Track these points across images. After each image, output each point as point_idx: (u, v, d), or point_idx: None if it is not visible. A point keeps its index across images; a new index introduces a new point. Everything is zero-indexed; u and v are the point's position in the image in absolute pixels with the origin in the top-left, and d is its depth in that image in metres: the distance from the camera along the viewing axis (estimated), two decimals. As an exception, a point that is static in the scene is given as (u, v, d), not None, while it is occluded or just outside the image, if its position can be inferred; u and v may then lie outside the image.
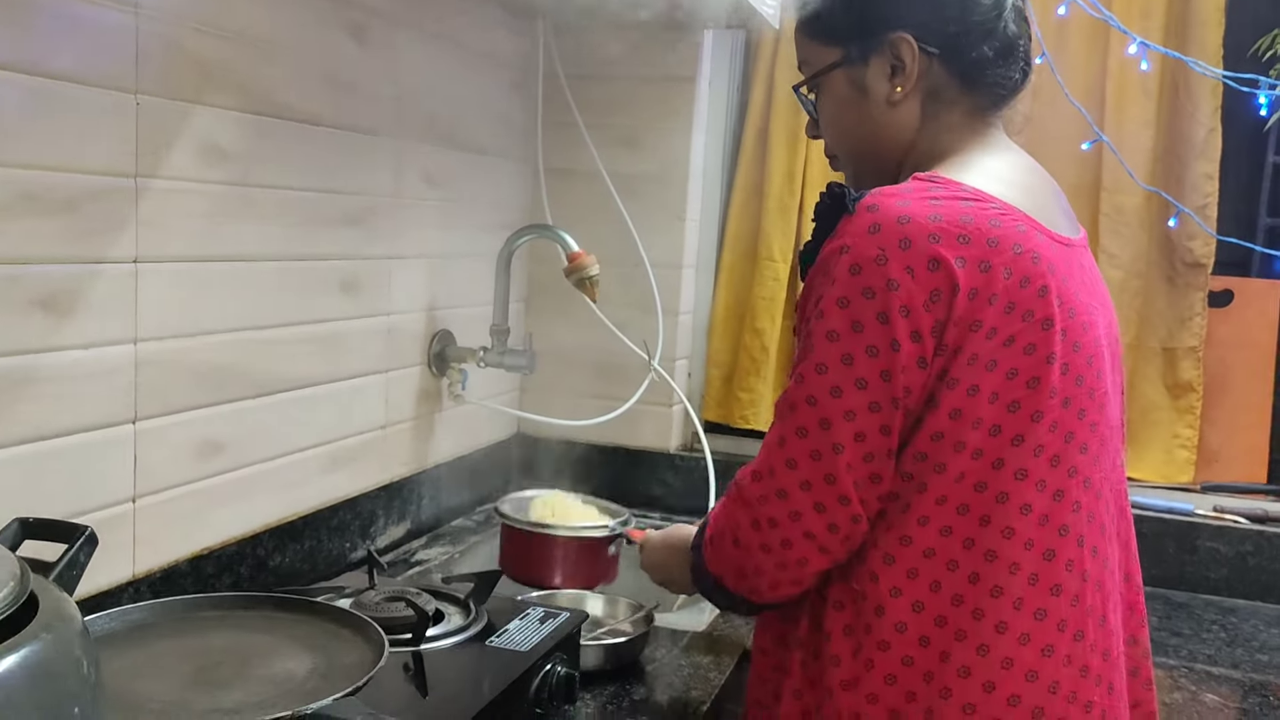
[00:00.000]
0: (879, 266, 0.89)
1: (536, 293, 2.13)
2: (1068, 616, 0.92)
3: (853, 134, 1.08)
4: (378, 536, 1.70)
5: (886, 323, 0.89)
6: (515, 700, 1.12)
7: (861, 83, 1.04)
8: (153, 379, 1.21)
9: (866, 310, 0.89)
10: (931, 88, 1.03)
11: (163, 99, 1.19)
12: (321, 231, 1.49)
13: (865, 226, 0.90)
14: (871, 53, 1.03)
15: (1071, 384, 0.93)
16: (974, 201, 0.93)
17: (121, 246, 1.16)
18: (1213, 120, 1.94)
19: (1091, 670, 0.94)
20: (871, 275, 0.89)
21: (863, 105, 1.05)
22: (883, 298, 0.89)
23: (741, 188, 2.13)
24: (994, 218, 0.92)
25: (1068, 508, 0.93)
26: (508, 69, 1.98)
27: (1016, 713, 0.90)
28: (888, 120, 1.04)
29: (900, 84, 1.02)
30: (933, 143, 1.04)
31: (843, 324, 0.90)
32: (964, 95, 1.03)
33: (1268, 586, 1.84)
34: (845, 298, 0.90)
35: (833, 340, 0.91)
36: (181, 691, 0.90)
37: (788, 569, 0.98)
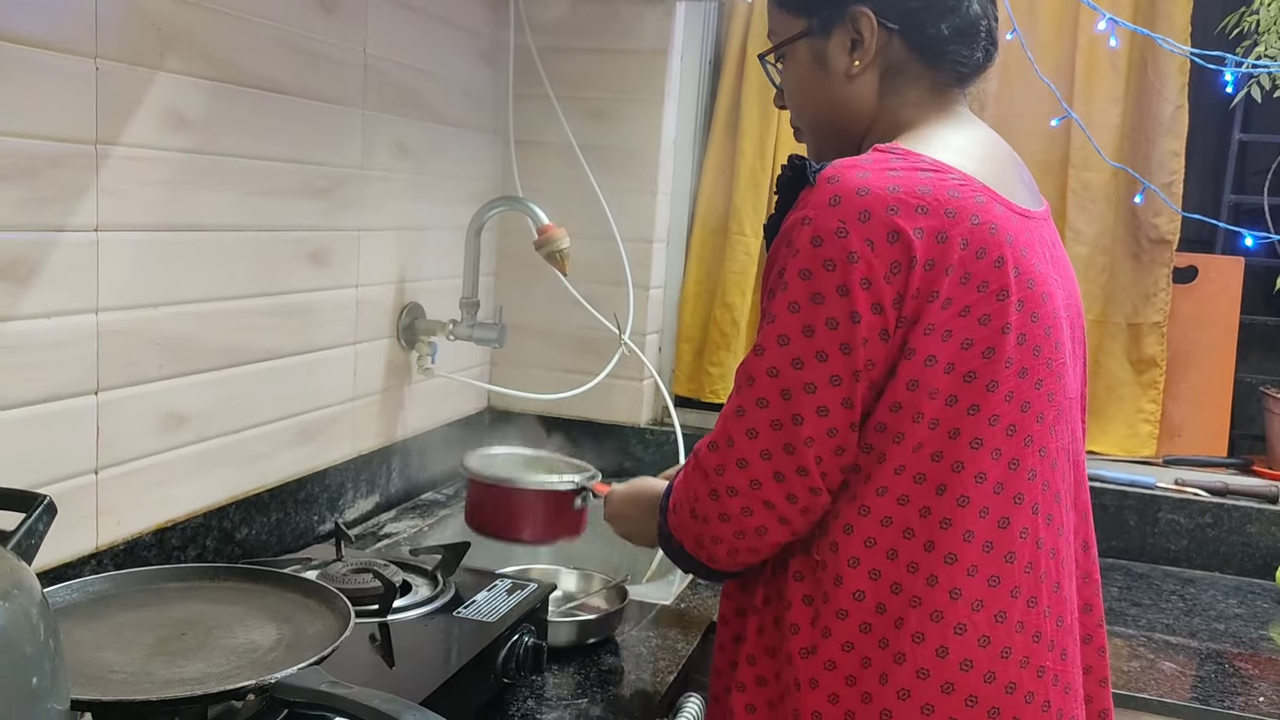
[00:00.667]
0: (839, 239, 0.89)
1: (507, 266, 2.12)
2: (1021, 583, 0.94)
3: (813, 106, 1.08)
4: (346, 509, 1.70)
5: (847, 295, 0.89)
6: (482, 670, 1.12)
7: (822, 55, 1.05)
8: (115, 349, 1.20)
9: (827, 282, 0.90)
10: (891, 63, 1.03)
11: (123, 64, 1.17)
12: (288, 202, 1.47)
13: (826, 198, 0.91)
14: (833, 25, 1.03)
15: (1029, 354, 0.94)
16: (932, 172, 0.93)
17: (82, 214, 1.14)
18: (1180, 97, 1.95)
19: (1045, 636, 0.95)
20: (832, 247, 0.89)
21: (823, 78, 1.05)
22: (843, 270, 0.89)
23: (713, 162, 2.13)
24: (952, 188, 0.92)
25: (1023, 476, 0.94)
26: (478, 40, 1.96)
27: (969, 678, 0.91)
28: (846, 94, 1.05)
29: (859, 58, 1.03)
30: (893, 117, 1.04)
31: (804, 295, 0.91)
32: (925, 71, 1.03)
33: (1226, 557, 1.87)
34: (807, 269, 0.91)
35: (794, 312, 0.91)
36: (144, 662, 0.89)
37: (746, 537, 0.98)
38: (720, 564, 1.03)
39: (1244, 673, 1.48)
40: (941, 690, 0.91)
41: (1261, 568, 1.85)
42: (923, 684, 0.91)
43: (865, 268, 0.89)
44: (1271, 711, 1.35)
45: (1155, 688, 1.41)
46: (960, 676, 0.91)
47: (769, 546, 0.99)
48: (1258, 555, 1.86)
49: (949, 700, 0.91)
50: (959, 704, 0.91)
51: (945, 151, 0.97)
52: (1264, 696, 1.40)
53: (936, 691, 0.91)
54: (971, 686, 0.91)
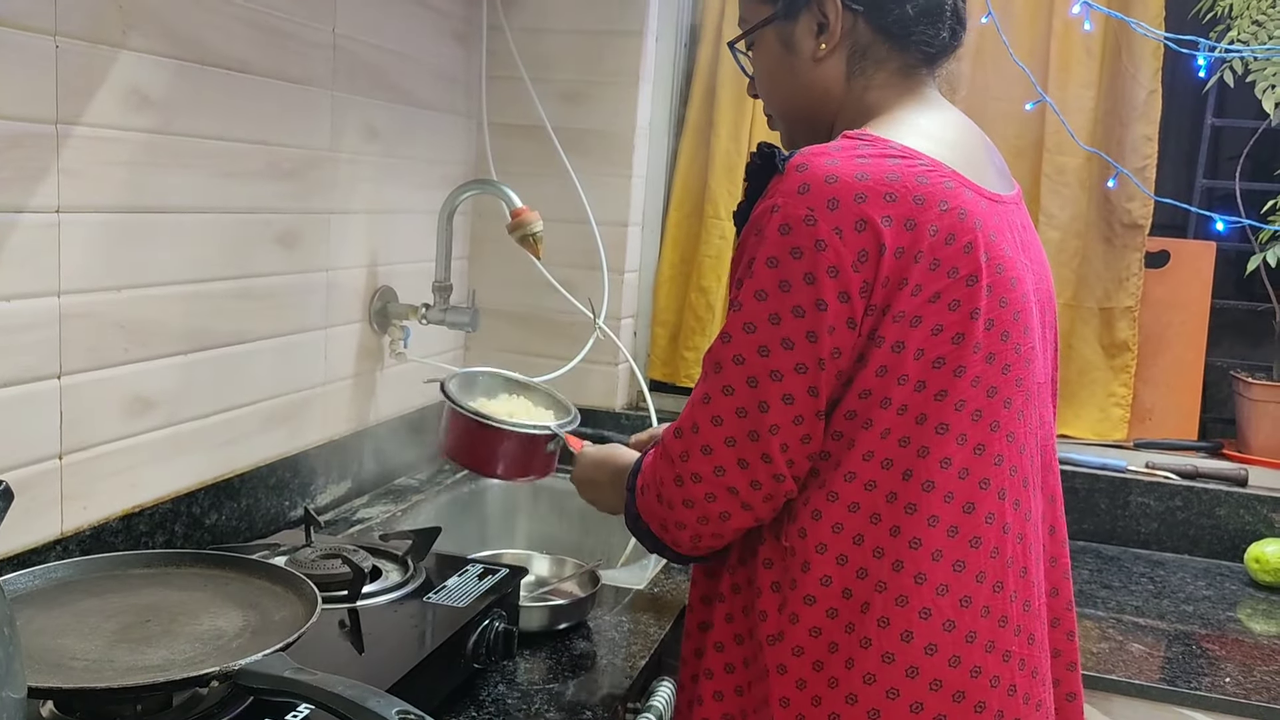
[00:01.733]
0: (808, 227, 0.89)
1: (481, 249, 2.11)
2: (986, 568, 0.94)
3: (782, 91, 1.08)
4: (318, 495, 1.69)
5: (813, 283, 0.89)
6: (452, 656, 1.12)
7: (789, 39, 1.04)
8: (78, 333, 1.18)
9: (794, 270, 0.89)
10: (857, 45, 1.03)
11: (84, 42, 1.15)
12: (255, 184, 1.45)
13: (795, 186, 0.90)
14: (799, 9, 1.03)
15: (997, 339, 0.94)
16: (901, 159, 0.93)
17: (42, 195, 1.12)
18: (1153, 82, 1.96)
19: (1011, 620, 0.95)
20: (800, 235, 0.89)
21: (791, 62, 1.05)
22: (810, 258, 0.89)
23: (688, 145, 2.12)
24: (920, 174, 0.92)
25: (989, 461, 0.94)
26: (451, 21, 1.94)
27: (932, 661, 0.92)
28: (814, 78, 1.04)
29: (824, 41, 1.02)
30: (861, 101, 1.04)
31: (771, 283, 0.91)
32: (893, 53, 1.03)
33: (1195, 540, 1.89)
34: (774, 257, 0.90)
35: (761, 299, 0.91)
36: (106, 649, 0.88)
37: (709, 523, 0.98)
38: (684, 549, 1.03)
39: (1211, 653, 1.50)
40: (906, 674, 0.91)
41: (1230, 550, 1.86)
42: (888, 668, 0.92)
43: (833, 255, 0.89)
44: (1237, 691, 1.37)
45: (1124, 669, 1.42)
46: (925, 660, 0.91)
47: (731, 532, 0.99)
48: (1226, 538, 1.88)
49: (914, 684, 0.91)
50: (923, 687, 0.92)
51: (914, 136, 0.97)
52: (1230, 677, 1.41)
53: (901, 675, 0.91)
54: (936, 670, 0.92)
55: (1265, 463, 1.94)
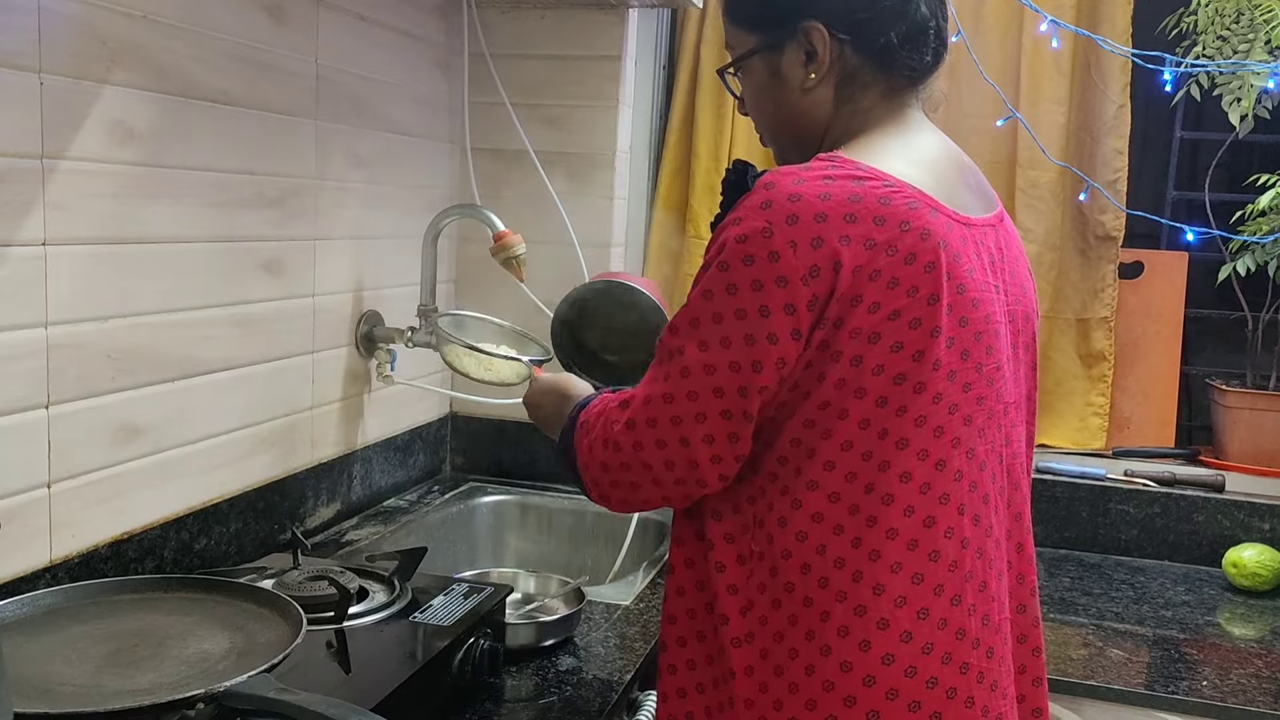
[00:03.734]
0: (764, 239, 0.92)
1: (466, 272, 2.13)
2: (945, 581, 0.96)
3: (772, 117, 1.10)
4: (307, 518, 1.70)
5: (759, 290, 0.92)
6: (438, 674, 1.13)
7: (777, 69, 1.06)
8: (66, 362, 1.20)
9: (743, 276, 0.93)
10: (845, 72, 1.05)
11: (69, 78, 1.17)
12: (240, 213, 1.48)
13: (759, 202, 0.93)
14: (786, 40, 1.04)
15: (957, 358, 0.96)
16: (865, 180, 0.95)
17: (29, 229, 1.14)
18: (1122, 97, 2.00)
19: (969, 634, 0.97)
20: (754, 245, 0.92)
21: (780, 90, 1.07)
22: (760, 267, 0.92)
23: (669, 166, 2.15)
24: (883, 195, 0.94)
25: (949, 477, 0.96)
26: (433, 49, 1.97)
27: (890, 671, 0.94)
28: (804, 105, 1.06)
29: (813, 70, 1.04)
30: (846, 125, 1.06)
31: (719, 285, 0.94)
32: (878, 78, 1.05)
33: (1175, 546, 1.92)
34: (726, 262, 0.93)
35: (708, 299, 0.95)
36: (94, 674, 0.90)
37: (619, 489, 1.04)
38: (591, 496, 1.09)
39: (1189, 658, 1.52)
40: (863, 683, 0.93)
41: (1208, 555, 1.89)
42: (845, 676, 0.94)
43: (784, 268, 0.92)
44: (1214, 695, 1.39)
45: (1103, 675, 1.44)
46: (881, 670, 0.93)
47: (640, 503, 1.05)
48: (1205, 543, 1.90)
49: (870, 693, 0.93)
50: (879, 697, 0.93)
51: (885, 159, 0.99)
52: (1207, 681, 1.43)
53: (859, 684, 0.93)
54: (892, 680, 0.93)
55: (1242, 468, 1.97)
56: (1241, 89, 1.89)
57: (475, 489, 2.08)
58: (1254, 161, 2.10)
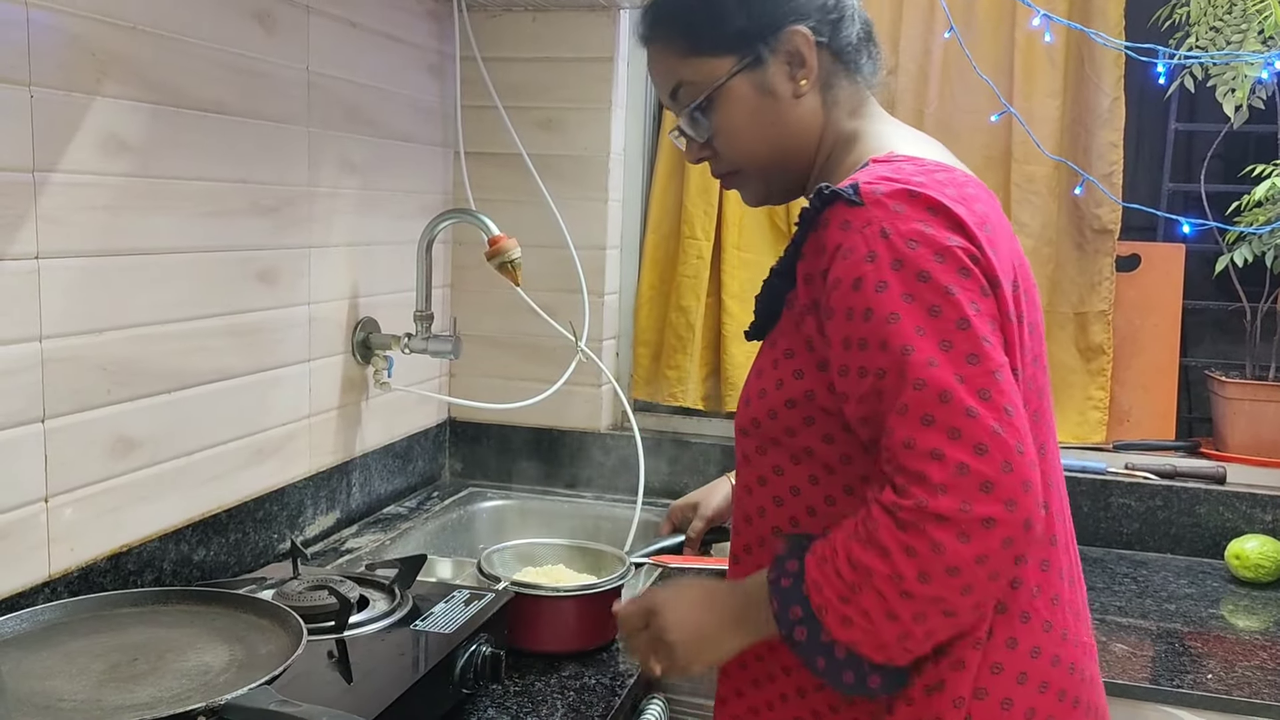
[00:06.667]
0: (929, 232, 0.87)
1: (462, 277, 2.13)
2: (1062, 564, 0.99)
3: (763, 140, 1.05)
4: (306, 526, 1.70)
5: (969, 275, 0.87)
6: (440, 681, 1.13)
7: (765, 85, 1.02)
8: (60, 376, 1.19)
9: (947, 272, 0.86)
10: (824, 76, 1.04)
11: (59, 91, 1.17)
12: (234, 222, 1.47)
13: (888, 208, 0.88)
14: (769, 51, 1.01)
15: (1037, 342, 0.98)
16: (939, 171, 0.95)
17: (21, 243, 1.14)
18: (1116, 90, 1.99)
19: (1080, 614, 1.02)
20: (929, 241, 0.87)
21: (770, 108, 1.03)
22: (952, 256, 0.87)
23: (663, 168, 2.14)
24: (959, 183, 0.94)
25: (1043, 461, 0.94)
26: (424, 54, 1.97)
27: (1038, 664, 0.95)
28: (796, 116, 1.03)
29: (803, 76, 1.02)
30: (838, 130, 1.05)
31: (936, 294, 0.85)
32: (849, 79, 1.05)
33: (1176, 539, 1.91)
34: (924, 271, 0.86)
35: (936, 315, 0.85)
36: (94, 689, 0.89)
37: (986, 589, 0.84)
38: (910, 649, 0.87)
39: (1194, 651, 1.51)
40: (1017, 681, 0.93)
41: (1211, 547, 1.89)
42: (996, 679, 0.93)
43: (960, 254, 0.87)
44: (1219, 687, 1.39)
45: (1107, 669, 1.43)
46: (1031, 664, 0.94)
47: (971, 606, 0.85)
48: (1207, 535, 1.90)
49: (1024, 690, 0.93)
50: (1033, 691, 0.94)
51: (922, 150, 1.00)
52: (1212, 674, 1.43)
53: (1013, 683, 0.93)
54: (1043, 673, 0.94)
55: (1243, 459, 1.96)
56: (1235, 80, 1.88)
57: (475, 494, 2.08)
58: (1249, 152, 2.10)
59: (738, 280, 2.10)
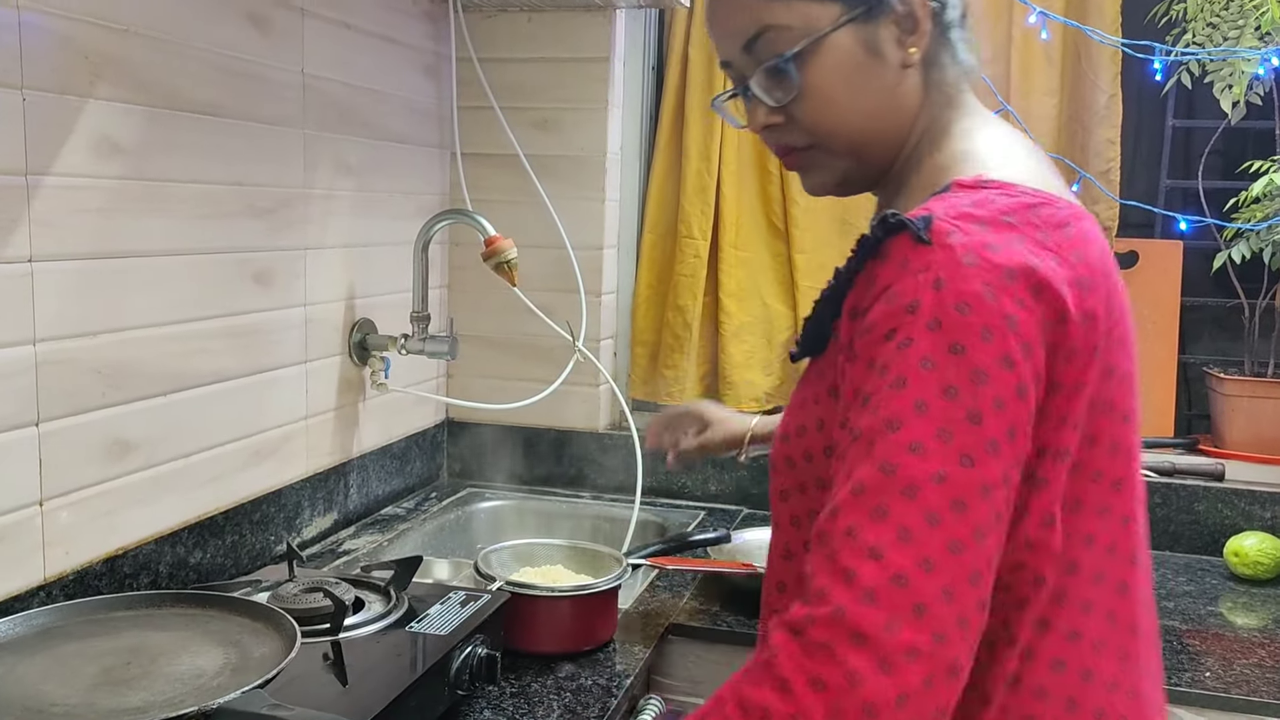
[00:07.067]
0: (990, 302, 0.74)
1: (459, 278, 2.13)
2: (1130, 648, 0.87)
3: (857, 112, 0.87)
4: (304, 528, 1.70)
5: (1011, 367, 0.73)
6: (436, 683, 1.13)
7: (873, 44, 0.85)
8: (54, 380, 1.19)
9: (987, 354, 0.73)
10: (931, 51, 0.88)
11: (52, 94, 1.17)
12: (229, 224, 1.47)
13: (956, 258, 0.75)
14: (882, 6, 0.85)
15: (1128, 394, 0.84)
16: (1042, 205, 0.80)
17: (14, 246, 1.14)
18: (1113, 87, 1.99)
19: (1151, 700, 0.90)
20: (985, 312, 0.73)
21: (873, 73, 0.86)
22: (1002, 337, 0.73)
23: (660, 167, 2.14)
24: (1063, 220, 0.80)
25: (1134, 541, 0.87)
26: (420, 55, 1.97)
27: None
28: (898, 92, 0.87)
29: (913, 44, 0.86)
30: (931, 120, 0.89)
31: (961, 375, 0.73)
32: (951, 61, 0.90)
33: (1175, 536, 1.91)
34: (959, 343, 0.73)
35: (949, 397, 0.72)
36: (87, 693, 0.89)
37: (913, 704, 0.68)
38: None
39: (1192, 649, 1.51)
40: None
41: (1210, 544, 1.88)
42: None
43: (1023, 331, 0.74)
44: (1217, 685, 1.39)
45: (1105, 668, 1.43)
46: None
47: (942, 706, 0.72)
48: (1206, 533, 1.89)
49: None
50: None
51: (1017, 168, 0.84)
52: (1210, 671, 1.43)
53: None
54: None
55: (1241, 456, 1.96)
56: (1233, 76, 1.88)
57: (473, 495, 2.08)
58: (1247, 148, 2.09)
59: (734, 279, 2.10)
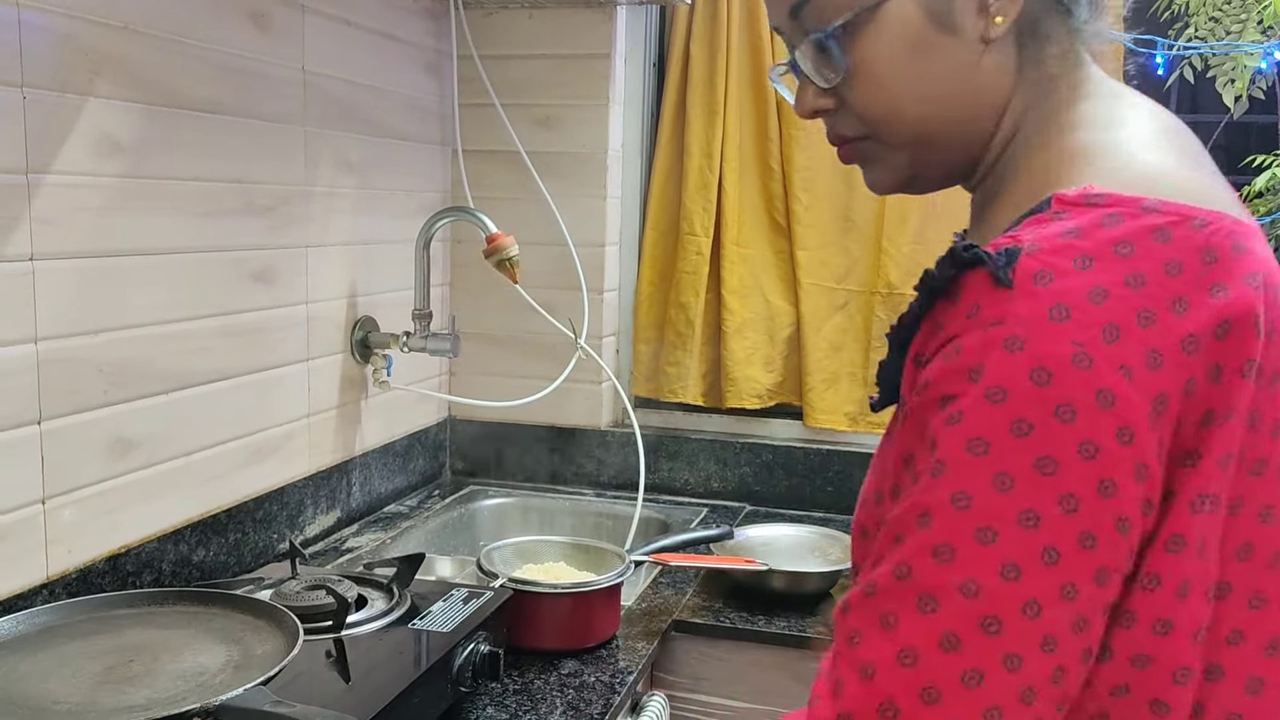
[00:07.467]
0: (1079, 371, 0.58)
1: (461, 275, 2.12)
2: None
3: (920, 97, 0.72)
4: (306, 526, 1.70)
5: (1094, 456, 0.58)
6: (438, 680, 1.13)
7: (942, 13, 0.69)
8: (56, 378, 1.19)
9: (1063, 439, 0.58)
10: (1029, 19, 0.70)
11: (52, 92, 1.16)
12: (230, 222, 1.47)
13: (1042, 310, 0.59)
14: None
15: None
16: (1171, 227, 0.61)
17: (15, 245, 1.13)
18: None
19: None
20: (1069, 384, 0.58)
21: (944, 48, 0.70)
22: (1089, 418, 0.58)
23: (661, 164, 2.14)
24: (1205, 245, 0.61)
25: None
26: (421, 52, 1.96)
27: None
28: (975, 72, 0.71)
29: (999, 12, 0.69)
30: (1030, 104, 0.72)
31: (1022, 462, 0.58)
32: (1065, 28, 0.72)
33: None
34: (1024, 420, 0.58)
35: (1004, 490, 0.58)
36: (90, 691, 0.89)
37: None
38: None
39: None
40: None
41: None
42: None
43: (1123, 411, 0.58)
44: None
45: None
46: None
47: None
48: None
49: None
50: None
51: (1147, 171, 0.66)
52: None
53: None
54: None
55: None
56: (1235, 70, 1.87)
57: (475, 492, 2.08)
58: (1250, 143, 2.08)
59: (737, 276, 2.09)
